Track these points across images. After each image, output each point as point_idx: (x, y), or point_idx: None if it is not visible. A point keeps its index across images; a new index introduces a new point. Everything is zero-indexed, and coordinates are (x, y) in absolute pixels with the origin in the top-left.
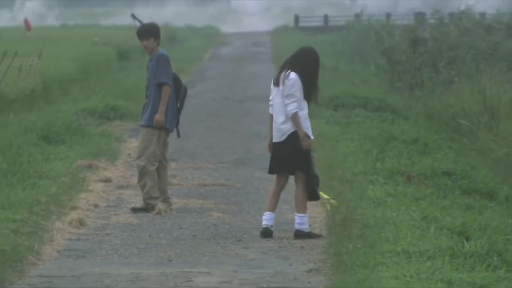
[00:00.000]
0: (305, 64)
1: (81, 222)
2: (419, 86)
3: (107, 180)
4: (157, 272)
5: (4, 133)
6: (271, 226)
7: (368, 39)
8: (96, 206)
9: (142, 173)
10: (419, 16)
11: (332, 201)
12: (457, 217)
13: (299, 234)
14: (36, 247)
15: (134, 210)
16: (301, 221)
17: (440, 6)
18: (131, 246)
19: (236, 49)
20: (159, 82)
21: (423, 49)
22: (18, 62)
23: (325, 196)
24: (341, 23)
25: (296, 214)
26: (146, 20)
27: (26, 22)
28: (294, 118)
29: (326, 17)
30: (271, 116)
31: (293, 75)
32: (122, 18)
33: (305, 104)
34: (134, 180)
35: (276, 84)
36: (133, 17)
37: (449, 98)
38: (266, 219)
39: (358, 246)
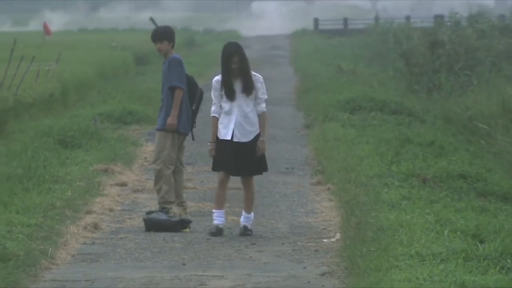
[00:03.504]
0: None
1: (95, 226)
2: (437, 88)
3: (123, 184)
4: (171, 276)
5: (21, 137)
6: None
7: (387, 42)
8: (111, 210)
9: (158, 177)
10: (438, 19)
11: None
12: (472, 220)
13: (248, 232)
14: (50, 252)
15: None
16: (250, 220)
17: (462, 8)
18: (145, 250)
19: (255, 53)
20: (171, 85)
21: (441, 51)
22: (36, 67)
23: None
24: (360, 26)
25: (249, 214)
26: (165, 24)
27: (45, 26)
28: (212, 121)
29: (345, 20)
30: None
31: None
32: (140, 23)
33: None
34: (150, 184)
35: None
36: (152, 21)
37: (466, 101)
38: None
39: (372, 249)
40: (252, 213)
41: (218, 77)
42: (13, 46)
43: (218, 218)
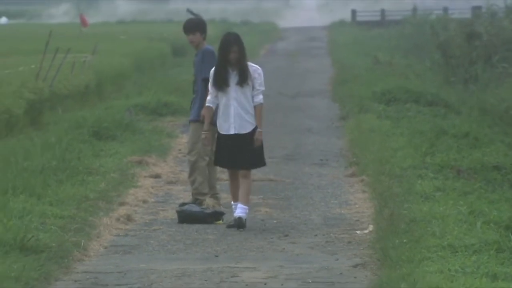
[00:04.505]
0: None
1: (128, 218)
2: (473, 80)
3: (157, 176)
4: (203, 268)
5: (55, 129)
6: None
7: (424, 33)
8: (144, 201)
9: (193, 168)
10: (476, 10)
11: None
12: (505, 211)
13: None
14: (82, 243)
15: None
16: (246, 211)
17: None
18: (178, 241)
19: (293, 44)
20: (205, 77)
21: (478, 43)
22: (71, 59)
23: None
24: (398, 18)
25: (246, 205)
26: (203, 15)
27: (82, 18)
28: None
29: (383, 11)
30: None
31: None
32: (178, 14)
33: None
34: (184, 175)
35: None
36: (189, 11)
37: (503, 92)
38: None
39: (405, 240)
40: (248, 205)
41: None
42: (48, 38)
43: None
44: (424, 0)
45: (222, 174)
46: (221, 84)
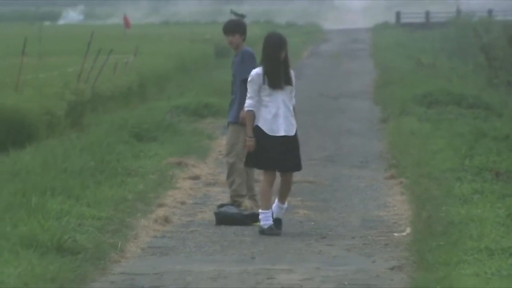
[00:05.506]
0: (262, 52)
1: (166, 220)
2: None
3: (196, 178)
4: (239, 270)
5: (96, 130)
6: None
7: (467, 36)
8: (182, 203)
9: (231, 170)
10: None
11: None
12: None
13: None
14: (119, 245)
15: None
16: (283, 210)
17: None
18: (215, 243)
19: (336, 46)
20: (245, 78)
21: None
22: (113, 60)
23: None
24: (443, 20)
25: (284, 204)
26: (248, 15)
27: (125, 19)
28: (248, 115)
29: (427, 13)
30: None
31: (253, 71)
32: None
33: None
34: (223, 177)
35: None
36: (233, 13)
37: None
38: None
39: (441, 243)
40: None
41: (258, 70)
42: (89, 39)
43: (268, 219)
44: (469, 1)
45: (260, 175)
46: (277, 84)
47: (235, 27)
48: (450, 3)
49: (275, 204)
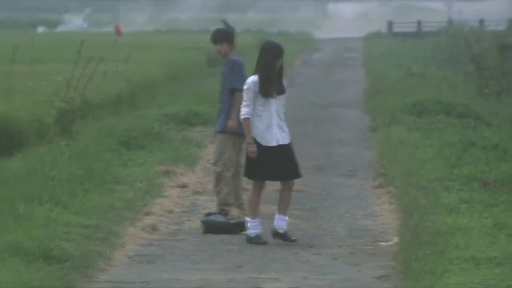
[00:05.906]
0: (258, 59)
1: (153, 228)
2: (506, 92)
3: (184, 186)
4: (227, 278)
5: (85, 138)
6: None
7: (458, 45)
8: (170, 211)
9: (219, 179)
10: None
11: None
12: None
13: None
14: (107, 253)
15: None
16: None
17: None
18: (203, 252)
19: (328, 55)
20: (233, 87)
21: (511, 54)
22: (104, 68)
23: None
24: (434, 29)
25: (284, 215)
26: (237, 25)
27: (117, 27)
28: (245, 122)
29: (419, 22)
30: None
31: (249, 79)
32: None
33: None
34: (211, 186)
35: None
36: (224, 22)
37: None
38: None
39: (428, 252)
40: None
41: (254, 78)
42: (79, 47)
43: (255, 228)
44: (461, 11)
45: (249, 184)
46: (270, 93)
47: (223, 36)
48: (441, 12)
49: (277, 217)
